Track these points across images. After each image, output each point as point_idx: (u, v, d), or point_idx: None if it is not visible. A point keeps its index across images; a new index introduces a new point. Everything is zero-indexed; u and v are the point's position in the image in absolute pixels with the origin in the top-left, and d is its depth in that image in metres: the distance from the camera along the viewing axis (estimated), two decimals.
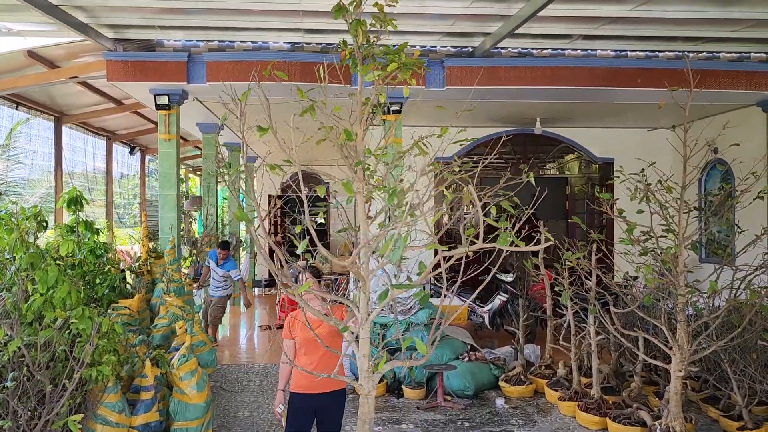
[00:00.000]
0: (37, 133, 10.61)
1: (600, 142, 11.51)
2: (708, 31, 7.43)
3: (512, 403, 7.00)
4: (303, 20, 6.99)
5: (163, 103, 8.09)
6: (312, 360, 4.04)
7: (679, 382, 5.09)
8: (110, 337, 4.08)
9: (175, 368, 4.88)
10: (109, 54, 7.69)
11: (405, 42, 3.42)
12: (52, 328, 3.66)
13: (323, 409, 4.11)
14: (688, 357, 4.80)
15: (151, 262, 7.55)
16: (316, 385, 4.05)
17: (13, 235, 3.91)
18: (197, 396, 4.90)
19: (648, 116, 10.27)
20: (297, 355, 4.14)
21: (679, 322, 4.94)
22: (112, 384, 4.27)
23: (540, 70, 8.12)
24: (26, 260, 3.84)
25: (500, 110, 9.67)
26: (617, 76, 8.15)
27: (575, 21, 7.07)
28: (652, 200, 5.06)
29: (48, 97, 10.10)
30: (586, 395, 6.50)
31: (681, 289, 4.80)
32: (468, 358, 7.66)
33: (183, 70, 7.82)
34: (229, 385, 7.67)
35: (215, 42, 8.00)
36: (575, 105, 9.35)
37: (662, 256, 5.12)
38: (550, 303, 7.67)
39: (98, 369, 3.82)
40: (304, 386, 4.07)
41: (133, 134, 13.87)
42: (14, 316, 3.63)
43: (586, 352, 6.86)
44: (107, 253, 6.37)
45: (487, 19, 7.03)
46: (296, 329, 4.12)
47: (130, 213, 18.68)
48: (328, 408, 4.13)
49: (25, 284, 3.81)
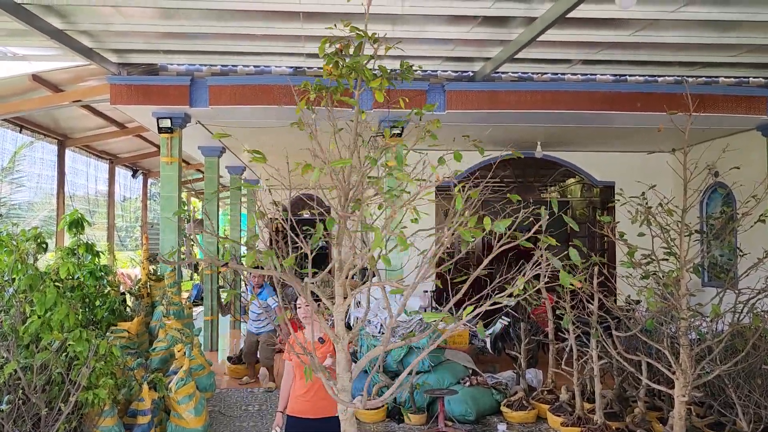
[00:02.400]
0: (41, 156, 10.68)
1: (601, 165, 11.54)
2: (706, 56, 7.49)
3: (514, 428, 6.91)
4: (305, 45, 7.07)
5: (166, 126, 8.14)
6: (307, 385, 3.94)
7: (683, 407, 5.01)
8: (108, 360, 4.05)
9: (173, 392, 4.84)
10: (113, 78, 7.77)
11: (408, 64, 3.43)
12: (49, 351, 3.63)
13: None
14: (692, 381, 4.74)
15: (151, 285, 7.53)
16: (309, 410, 3.95)
17: (13, 256, 3.91)
18: (195, 420, 4.84)
19: (648, 140, 10.31)
20: (294, 378, 4.08)
21: (682, 345, 4.89)
22: (108, 408, 4.22)
23: (540, 94, 8.18)
24: (25, 282, 3.83)
25: (501, 134, 9.71)
26: (617, 100, 8.20)
27: (575, 46, 7.14)
28: (653, 223, 5.04)
29: (52, 120, 10.18)
30: (589, 421, 6.41)
31: (683, 312, 4.76)
32: (469, 383, 7.57)
33: (186, 93, 7.89)
34: (228, 410, 7.58)
35: (218, 66, 8.08)
36: (575, 129, 9.40)
37: (664, 279, 5.09)
38: (552, 327, 7.61)
39: (95, 392, 3.78)
40: (298, 411, 3.99)
41: (135, 157, 13.95)
42: (11, 338, 3.60)
43: (588, 376, 6.78)
44: (107, 276, 6.35)
45: (487, 44, 7.10)
46: (293, 351, 4.07)
47: (131, 236, 18.70)
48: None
49: (23, 306, 3.80)
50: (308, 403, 3.96)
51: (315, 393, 3.95)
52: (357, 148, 3.23)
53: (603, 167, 11.54)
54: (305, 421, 3.98)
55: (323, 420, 3.98)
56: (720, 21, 6.29)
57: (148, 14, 6.23)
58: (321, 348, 3.94)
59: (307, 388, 3.96)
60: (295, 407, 4.02)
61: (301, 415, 3.99)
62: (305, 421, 3.98)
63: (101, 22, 6.36)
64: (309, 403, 3.95)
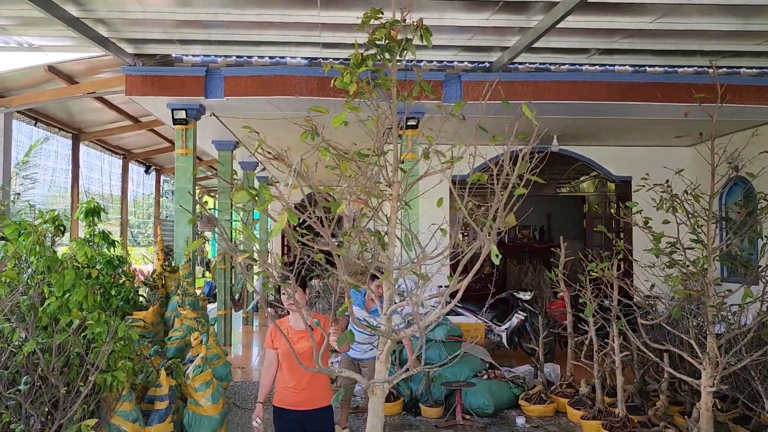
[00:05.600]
0: (56, 150, 10.68)
1: (617, 160, 11.38)
2: (728, 45, 7.35)
3: (533, 422, 6.80)
4: (321, 34, 7.00)
5: (181, 117, 8.11)
6: (297, 377, 3.82)
7: (710, 397, 4.89)
8: (126, 344, 3.99)
9: (189, 379, 4.78)
10: (128, 69, 7.74)
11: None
12: (68, 332, 3.58)
13: (311, 427, 3.86)
14: (720, 371, 4.62)
15: (165, 277, 7.49)
16: (302, 402, 3.83)
17: (31, 238, 3.86)
18: (212, 408, 4.78)
19: (666, 134, 10.16)
20: (280, 368, 3.91)
21: (710, 334, 4.77)
22: (126, 392, 4.17)
23: (558, 85, 8.07)
24: (43, 263, 3.78)
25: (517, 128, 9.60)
26: (636, 90, 8.07)
27: (593, 34, 7.03)
28: (679, 209, 4.92)
29: (66, 113, 10.18)
30: (610, 414, 6.29)
31: (711, 300, 4.64)
32: (487, 376, 7.48)
33: (201, 84, 7.85)
34: (243, 402, 7.53)
35: (233, 57, 8.04)
36: (593, 121, 9.27)
37: (690, 267, 4.97)
38: (571, 319, 7.50)
39: (113, 374, 3.73)
40: (290, 402, 3.85)
41: (148, 153, 13.95)
42: (29, 318, 3.56)
43: (609, 368, 6.67)
44: (123, 265, 6.31)
45: (506, 32, 7.00)
46: (279, 340, 3.87)
47: (144, 233, 18.74)
48: (316, 426, 3.87)
49: (41, 287, 3.75)
50: (301, 394, 3.83)
51: (308, 383, 3.83)
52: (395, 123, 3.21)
53: (620, 162, 11.38)
54: (297, 413, 3.84)
55: (317, 411, 3.88)
56: (743, 5, 6.16)
57: (165, 1, 6.20)
58: (306, 337, 3.81)
59: (297, 380, 3.82)
60: (285, 399, 3.86)
61: (293, 407, 3.84)
62: (297, 413, 3.84)
63: (118, 10, 6.33)
64: (302, 395, 3.83)
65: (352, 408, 7.10)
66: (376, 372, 3.42)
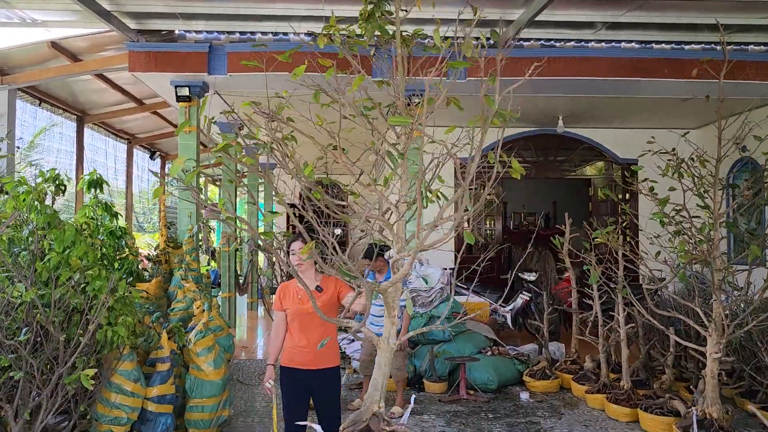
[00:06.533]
0: (60, 131, 10.67)
1: (623, 143, 11.29)
2: (736, 18, 7.26)
3: (537, 397, 6.77)
4: (325, 6, 6.95)
5: (184, 95, 8.09)
6: (307, 335, 3.82)
7: (716, 364, 4.85)
8: (126, 302, 3.97)
9: (191, 344, 4.76)
10: (131, 44, 7.72)
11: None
12: (68, 286, 3.56)
13: (318, 388, 3.86)
14: (727, 336, 4.57)
15: (169, 252, 7.48)
16: (311, 361, 3.83)
17: (31, 196, 3.84)
18: (214, 373, 4.76)
19: (672, 115, 10.07)
20: (289, 329, 3.91)
21: (715, 300, 4.72)
22: (127, 352, 4.16)
23: (563, 61, 8.00)
24: (43, 220, 3.76)
25: (522, 108, 9.54)
26: (642, 66, 8.00)
27: (599, 6, 6.96)
28: (685, 174, 4.87)
29: (70, 94, 10.17)
30: (615, 387, 6.25)
31: (718, 264, 4.59)
32: (491, 353, 7.44)
33: (204, 60, 7.82)
34: (247, 378, 7.53)
35: (236, 34, 8.00)
36: (598, 101, 9.19)
37: (697, 235, 4.91)
38: (576, 296, 7.46)
39: (113, 329, 3.71)
40: (298, 362, 3.84)
41: (153, 138, 13.95)
42: (30, 273, 3.54)
43: (614, 342, 6.62)
44: (126, 237, 6.29)
45: (509, 5, 6.95)
46: (288, 300, 3.88)
47: (149, 221, 18.75)
48: (324, 386, 3.87)
49: (41, 243, 3.73)
50: (309, 354, 3.82)
51: (318, 342, 3.80)
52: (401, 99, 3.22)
53: (625, 145, 11.28)
54: (305, 372, 3.84)
55: (325, 371, 3.88)
56: None
57: None
58: (320, 297, 3.80)
59: (307, 339, 3.83)
60: (294, 359, 3.86)
61: (301, 366, 3.84)
62: (305, 372, 3.84)
63: None
64: (310, 355, 3.82)
65: (355, 383, 7.08)
66: (384, 329, 3.41)
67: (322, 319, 3.36)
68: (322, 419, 3.80)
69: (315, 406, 3.90)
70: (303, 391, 3.85)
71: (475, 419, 5.98)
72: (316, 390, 3.87)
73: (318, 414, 3.88)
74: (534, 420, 5.96)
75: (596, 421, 5.93)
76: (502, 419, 5.99)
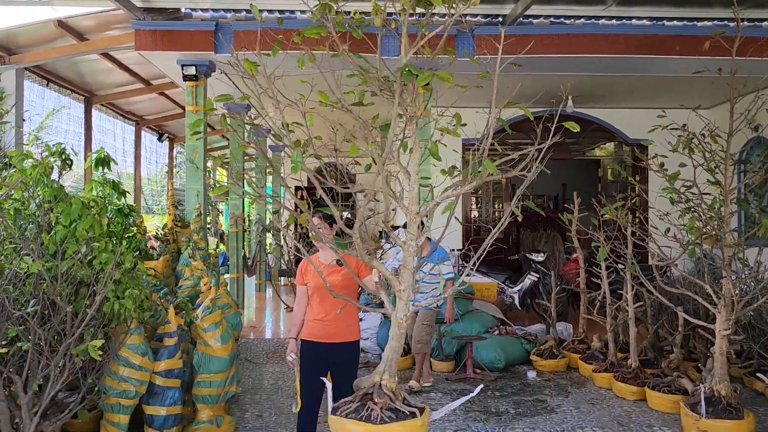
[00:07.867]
0: (68, 112, 10.67)
1: (633, 123, 11.17)
2: None
3: (544, 376, 6.77)
4: None
5: (191, 74, 8.05)
6: (326, 308, 3.86)
7: (725, 341, 4.81)
8: (133, 276, 3.98)
9: (199, 319, 4.77)
10: (137, 23, 7.68)
11: None
12: (74, 259, 3.57)
13: (337, 362, 3.89)
14: (736, 311, 4.53)
15: (177, 231, 7.50)
16: (331, 335, 3.87)
17: (37, 169, 3.85)
18: (222, 348, 4.77)
19: (682, 96, 9.93)
20: (310, 303, 3.96)
21: (725, 277, 4.67)
22: (134, 326, 4.17)
23: (573, 38, 7.89)
24: (49, 193, 3.77)
25: (530, 88, 9.43)
26: (654, 43, 7.87)
27: None
28: (696, 149, 4.80)
29: (77, 74, 10.16)
30: (623, 366, 6.24)
31: (727, 239, 4.54)
32: (498, 332, 7.44)
33: (210, 39, 7.78)
34: (255, 357, 7.57)
35: (242, 13, 7.94)
36: (608, 79, 9.09)
37: (708, 213, 4.86)
38: (584, 276, 7.42)
39: (120, 302, 3.72)
40: (318, 335, 3.88)
41: (161, 119, 13.94)
42: (36, 246, 3.55)
43: (622, 321, 6.59)
44: (133, 215, 6.30)
45: None
46: (309, 275, 3.93)
47: (158, 204, 18.81)
48: (342, 361, 3.90)
49: (47, 216, 3.74)
50: (329, 327, 3.86)
51: (336, 317, 3.86)
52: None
53: (635, 125, 11.15)
54: (324, 345, 3.88)
55: (345, 344, 3.91)
56: None
57: None
58: (341, 270, 3.84)
59: (326, 312, 3.86)
60: (313, 332, 3.91)
61: (321, 339, 3.88)
62: (324, 345, 3.88)
63: None
64: (330, 327, 3.86)
65: (362, 363, 7.10)
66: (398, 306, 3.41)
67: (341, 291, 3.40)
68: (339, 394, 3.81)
69: (332, 380, 3.92)
70: (322, 363, 3.88)
71: (482, 397, 5.98)
72: (334, 364, 3.89)
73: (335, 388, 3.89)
74: (541, 398, 5.96)
75: (603, 399, 5.92)
76: (509, 397, 5.99)
